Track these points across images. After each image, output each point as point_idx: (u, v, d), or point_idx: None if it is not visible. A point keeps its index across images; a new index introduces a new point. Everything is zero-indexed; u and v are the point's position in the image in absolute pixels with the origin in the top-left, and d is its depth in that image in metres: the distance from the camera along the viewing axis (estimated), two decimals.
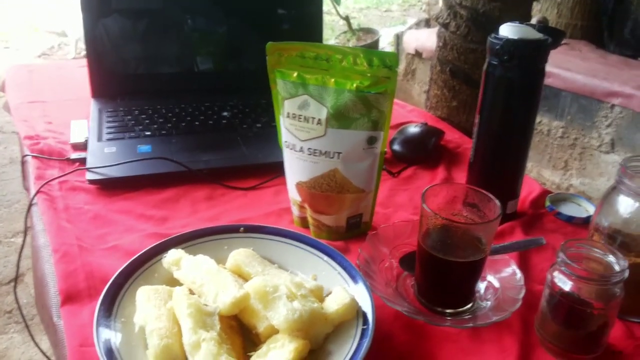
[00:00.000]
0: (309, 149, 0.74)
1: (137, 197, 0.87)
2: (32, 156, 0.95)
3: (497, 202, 0.63)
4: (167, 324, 0.56)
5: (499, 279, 0.70)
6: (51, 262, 0.72)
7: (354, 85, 0.71)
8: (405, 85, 1.92)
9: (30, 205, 0.84)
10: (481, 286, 0.70)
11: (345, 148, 0.73)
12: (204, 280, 0.60)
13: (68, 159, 0.95)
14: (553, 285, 0.60)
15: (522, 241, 0.76)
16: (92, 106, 1.12)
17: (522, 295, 0.65)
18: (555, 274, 0.60)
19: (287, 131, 0.76)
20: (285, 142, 0.77)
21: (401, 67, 2.20)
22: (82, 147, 0.98)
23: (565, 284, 0.59)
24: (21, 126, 1.07)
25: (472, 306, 0.67)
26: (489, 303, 0.67)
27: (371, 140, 0.74)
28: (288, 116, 0.74)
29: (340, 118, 0.72)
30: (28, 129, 1.06)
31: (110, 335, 0.56)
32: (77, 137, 1.01)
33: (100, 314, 0.58)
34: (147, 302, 0.59)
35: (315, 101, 0.72)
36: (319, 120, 0.72)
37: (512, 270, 0.69)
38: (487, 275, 0.71)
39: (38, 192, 0.85)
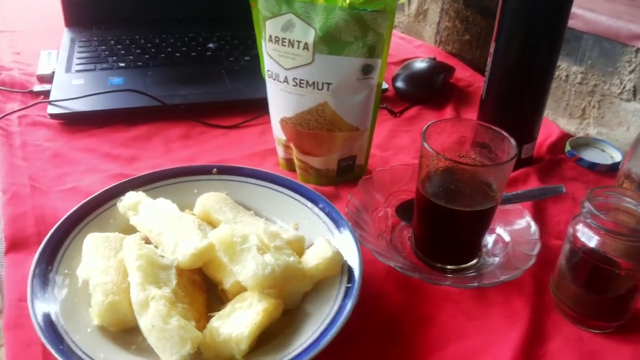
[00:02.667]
0: (294, 79, 0.63)
1: (104, 135, 0.77)
2: None
3: (513, 141, 0.52)
4: (115, 278, 0.47)
5: (510, 232, 0.60)
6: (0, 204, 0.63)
7: (347, 1, 0.59)
8: (416, 26, 1.78)
9: None
10: (489, 240, 0.61)
11: (336, 78, 0.62)
12: (162, 228, 0.51)
13: (31, 92, 0.85)
14: (575, 240, 0.51)
15: (538, 189, 0.67)
16: (64, 35, 1.01)
17: (536, 251, 0.56)
18: (579, 227, 0.51)
19: (270, 58, 0.65)
20: (268, 71, 0.66)
21: (412, 8, 2.06)
22: (49, 79, 0.88)
23: (590, 239, 0.50)
24: None
25: (477, 262, 0.58)
26: (497, 259, 0.58)
27: (366, 69, 0.63)
28: (270, 40, 0.64)
29: (330, 42, 0.61)
30: None
31: (49, 290, 0.48)
32: (44, 69, 0.91)
33: (38, 265, 0.49)
34: (94, 251, 0.50)
35: (302, 21, 0.61)
36: (306, 44, 0.61)
37: (525, 222, 0.60)
38: (496, 228, 0.61)
39: None
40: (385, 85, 0.93)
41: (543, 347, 0.51)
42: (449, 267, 0.58)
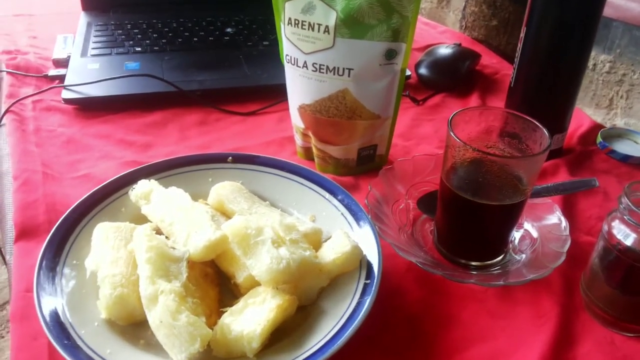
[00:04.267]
0: (314, 64, 0.61)
1: (119, 120, 0.76)
2: (7, 72, 0.84)
3: (545, 132, 0.49)
4: (124, 270, 0.45)
5: (538, 228, 0.57)
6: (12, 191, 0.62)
7: None
8: (439, 13, 1.74)
9: None
10: (516, 235, 0.58)
11: (358, 63, 0.60)
12: (174, 218, 0.49)
13: (46, 76, 0.84)
14: (610, 237, 0.48)
15: (569, 182, 0.63)
16: (81, 19, 1.00)
17: (566, 248, 0.53)
18: (615, 223, 0.48)
19: (289, 42, 0.62)
20: (287, 56, 0.64)
21: None
22: (65, 63, 0.86)
23: (627, 237, 0.46)
24: (1, 41, 0.95)
25: (502, 259, 0.55)
26: (523, 256, 0.55)
27: (390, 54, 0.60)
28: (289, 23, 0.61)
29: (352, 25, 0.58)
30: (8, 43, 0.95)
31: (57, 281, 0.46)
32: (60, 53, 0.89)
33: (46, 255, 0.48)
34: (104, 242, 0.48)
35: (323, 3, 0.58)
36: (327, 27, 0.58)
37: (556, 217, 0.57)
38: (524, 223, 0.58)
39: (7, 111, 0.74)
40: (407, 72, 0.90)
41: (572, 351, 0.48)
42: (473, 263, 0.55)
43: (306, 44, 0.60)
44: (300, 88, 0.64)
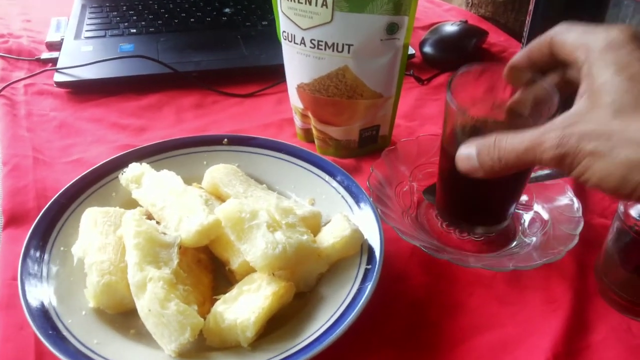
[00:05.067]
0: (312, 40, 0.58)
1: (112, 104, 0.73)
2: None
3: (556, 93, 0.46)
4: (113, 257, 0.43)
5: (549, 210, 0.55)
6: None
7: None
8: None
9: None
10: (525, 217, 0.55)
11: (358, 38, 0.57)
12: (166, 202, 0.47)
13: (38, 59, 0.81)
14: (626, 218, 0.45)
15: None
16: (76, 1, 0.97)
17: (579, 230, 0.50)
18: (631, 203, 0.45)
19: (285, 17, 0.59)
20: (284, 32, 0.61)
21: None
22: (58, 46, 0.84)
23: None
24: None
25: (514, 243, 0.53)
26: (534, 239, 0.53)
27: (392, 28, 0.57)
28: None
29: None
30: (2, 27, 0.92)
31: (43, 269, 0.44)
32: (53, 36, 0.87)
33: (32, 242, 0.46)
34: (92, 227, 0.46)
35: None
36: (325, 0, 0.55)
37: (567, 198, 0.54)
38: (534, 205, 0.56)
39: None
40: (411, 51, 0.87)
41: (586, 338, 0.45)
42: (478, 230, 0.53)
43: (303, 19, 0.57)
44: (298, 66, 0.61)
